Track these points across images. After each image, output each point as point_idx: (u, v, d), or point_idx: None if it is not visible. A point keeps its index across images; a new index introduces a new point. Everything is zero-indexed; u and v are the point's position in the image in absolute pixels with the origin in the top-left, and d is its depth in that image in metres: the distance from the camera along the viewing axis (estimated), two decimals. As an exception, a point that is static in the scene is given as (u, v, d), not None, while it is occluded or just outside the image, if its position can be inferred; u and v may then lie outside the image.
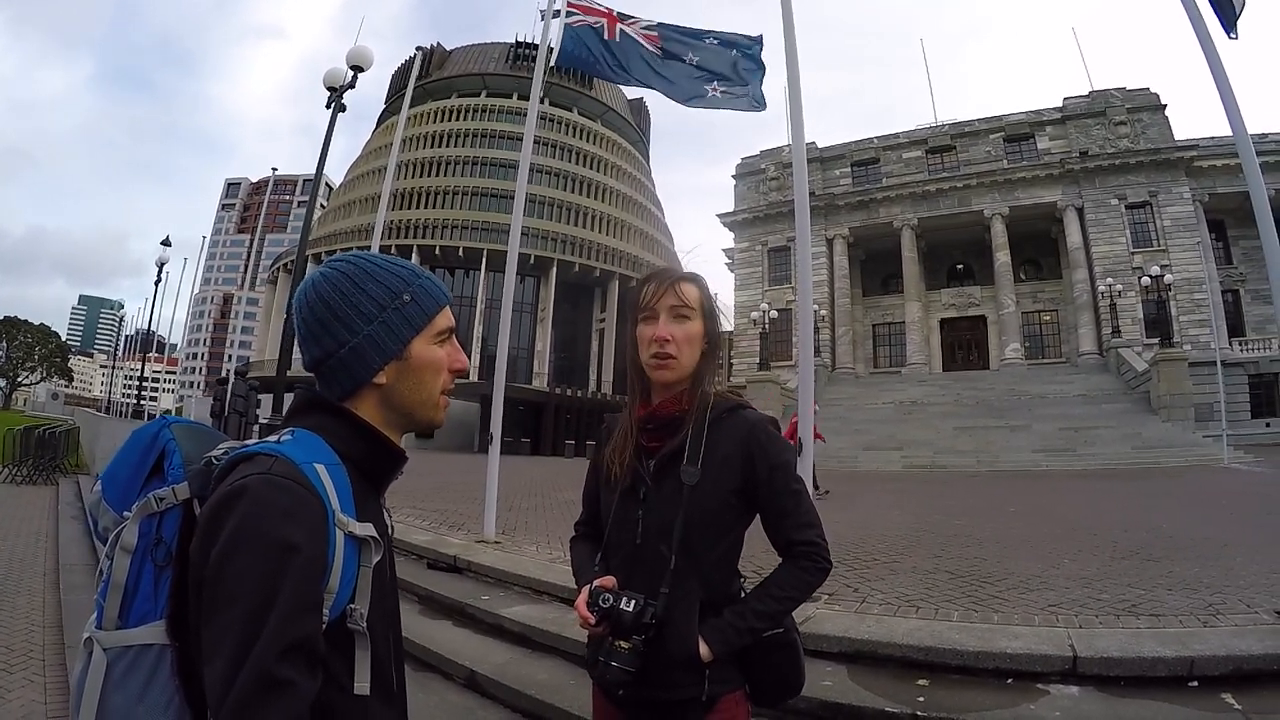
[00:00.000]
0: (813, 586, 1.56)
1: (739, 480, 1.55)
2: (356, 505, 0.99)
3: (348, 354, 1.06)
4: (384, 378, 1.08)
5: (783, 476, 1.55)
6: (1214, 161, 36.92)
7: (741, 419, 1.60)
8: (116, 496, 1.02)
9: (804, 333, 6.16)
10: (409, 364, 1.10)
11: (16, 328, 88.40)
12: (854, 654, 4.10)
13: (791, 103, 6.07)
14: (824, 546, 1.54)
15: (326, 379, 1.08)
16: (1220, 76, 5.34)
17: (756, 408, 1.68)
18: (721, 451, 1.55)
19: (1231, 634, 4.11)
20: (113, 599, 0.94)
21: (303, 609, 0.86)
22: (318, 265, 10.97)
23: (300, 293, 1.10)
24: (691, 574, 1.51)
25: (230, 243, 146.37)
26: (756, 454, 1.55)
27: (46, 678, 4.28)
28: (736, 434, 1.57)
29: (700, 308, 1.64)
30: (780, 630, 1.54)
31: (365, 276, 1.09)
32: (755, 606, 1.50)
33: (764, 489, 1.55)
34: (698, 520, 1.52)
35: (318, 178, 12.17)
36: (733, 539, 1.57)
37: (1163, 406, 27.10)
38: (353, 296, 1.07)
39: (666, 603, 1.48)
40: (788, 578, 1.53)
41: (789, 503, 1.55)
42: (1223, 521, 9.68)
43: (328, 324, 1.06)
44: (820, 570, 1.54)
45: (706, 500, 1.53)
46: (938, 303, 44.73)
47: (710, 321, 1.66)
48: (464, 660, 4.51)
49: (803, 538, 1.54)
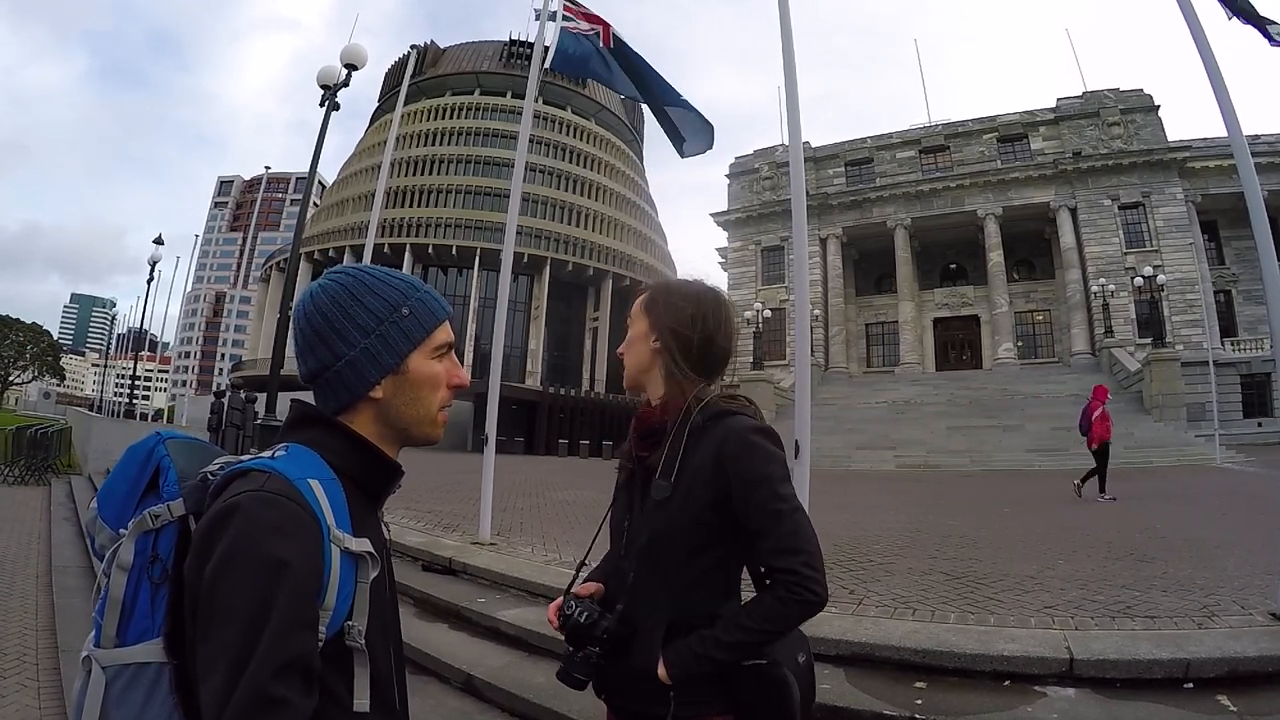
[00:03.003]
0: (790, 620, 1.37)
1: (711, 495, 1.42)
2: (353, 520, 0.97)
3: (344, 367, 1.04)
4: (380, 392, 1.06)
5: (760, 493, 1.38)
6: (1207, 162, 37.13)
7: (721, 427, 1.45)
8: (112, 513, 1.01)
9: (800, 331, 6.16)
10: (406, 378, 1.08)
11: (8, 326, 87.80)
12: (851, 656, 4.10)
13: (788, 103, 6.05)
14: (808, 576, 1.33)
15: (322, 392, 1.07)
16: (1215, 77, 5.34)
17: (753, 411, 1.54)
18: (696, 463, 1.44)
19: (1226, 636, 4.13)
20: (110, 617, 0.93)
21: (297, 627, 0.85)
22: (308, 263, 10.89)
23: (298, 305, 1.09)
24: (660, 591, 1.45)
25: (223, 241, 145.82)
26: (729, 467, 1.40)
27: (40, 682, 4.25)
28: (712, 444, 1.44)
29: (643, 308, 1.60)
30: (763, 662, 1.38)
31: (363, 289, 1.07)
32: (720, 635, 1.36)
33: (739, 507, 1.40)
34: (666, 536, 1.45)
35: (311, 176, 12.12)
36: (714, 558, 1.45)
37: (1155, 406, 27.22)
38: (350, 309, 1.05)
39: (620, 617, 1.45)
40: (761, 608, 1.37)
41: (766, 523, 1.37)
42: (1216, 522, 9.72)
43: (325, 336, 1.05)
44: (801, 603, 1.34)
45: (677, 516, 1.43)
46: (931, 302, 44.89)
47: (655, 316, 1.57)
48: (461, 664, 4.49)
49: (781, 564, 1.35)
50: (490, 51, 69.07)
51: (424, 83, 63.03)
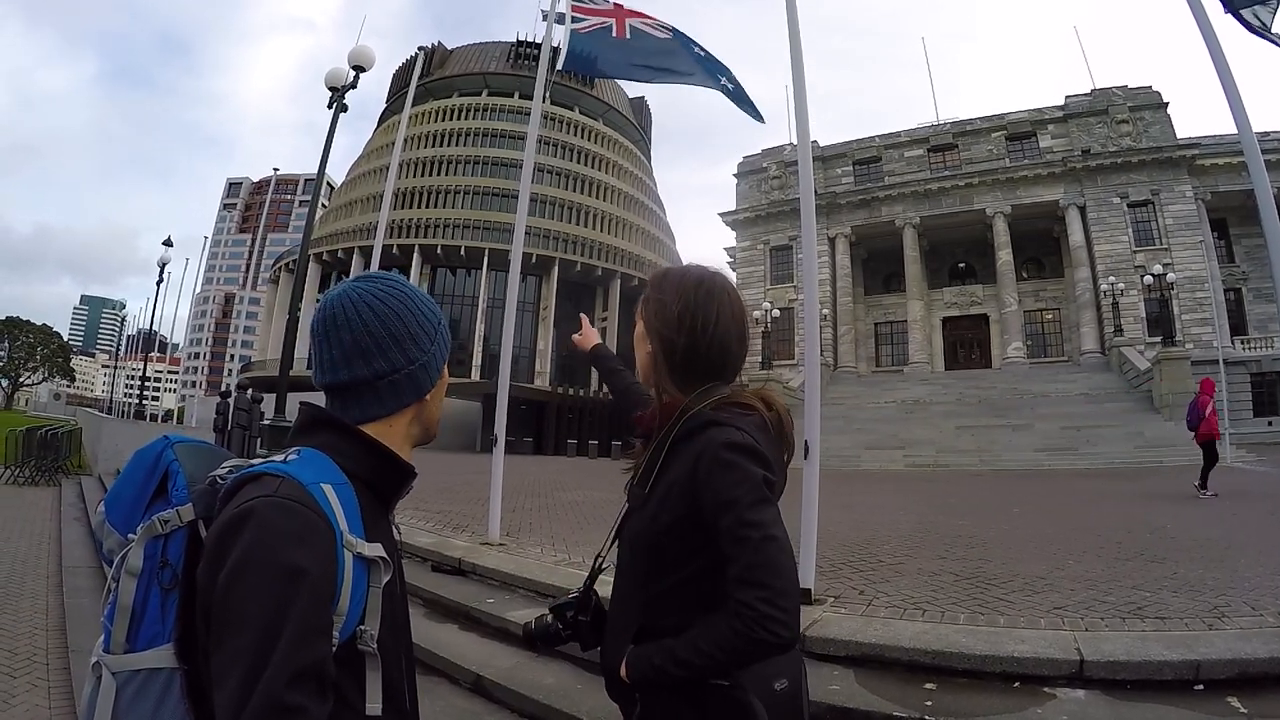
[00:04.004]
0: (739, 654, 1.24)
1: (684, 509, 1.33)
2: (365, 525, 0.98)
3: (417, 370, 1.12)
4: (429, 394, 1.16)
5: (726, 518, 1.26)
6: (1216, 160, 36.87)
7: (698, 440, 1.35)
8: (121, 518, 1.01)
9: (809, 331, 6.11)
10: (440, 383, 1.19)
11: (19, 328, 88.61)
12: (861, 658, 4.08)
13: (796, 102, 6.03)
14: (765, 614, 1.19)
15: (382, 395, 1.09)
16: (1225, 74, 5.32)
17: (750, 418, 1.40)
18: (672, 475, 1.37)
19: (1236, 637, 4.09)
20: (120, 622, 0.93)
21: (312, 633, 0.85)
22: (317, 264, 10.88)
23: (342, 308, 1.08)
24: (632, 595, 1.44)
25: (232, 242, 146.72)
26: (701, 485, 1.31)
27: (51, 682, 4.27)
28: (691, 457, 1.34)
29: (640, 307, 1.55)
30: (725, 684, 1.30)
31: (413, 302, 1.14)
32: (675, 649, 1.29)
33: (710, 528, 1.30)
34: (637, 544, 1.42)
35: (320, 177, 12.15)
36: (685, 574, 1.37)
37: (1165, 405, 27.00)
38: (417, 315, 1.13)
39: (594, 609, 1.56)
40: (715, 632, 1.25)
41: (732, 550, 1.25)
42: (1226, 522, 9.65)
43: (400, 340, 1.09)
44: (754, 641, 1.20)
45: (647, 525, 1.39)
46: (940, 301, 44.75)
47: (647, 316, 1.51)
48: (470, 664, 4.49)
49: (740, 597, 1.22)
50: (498, 52, 69.11)
51: (431, 84, 63.09)
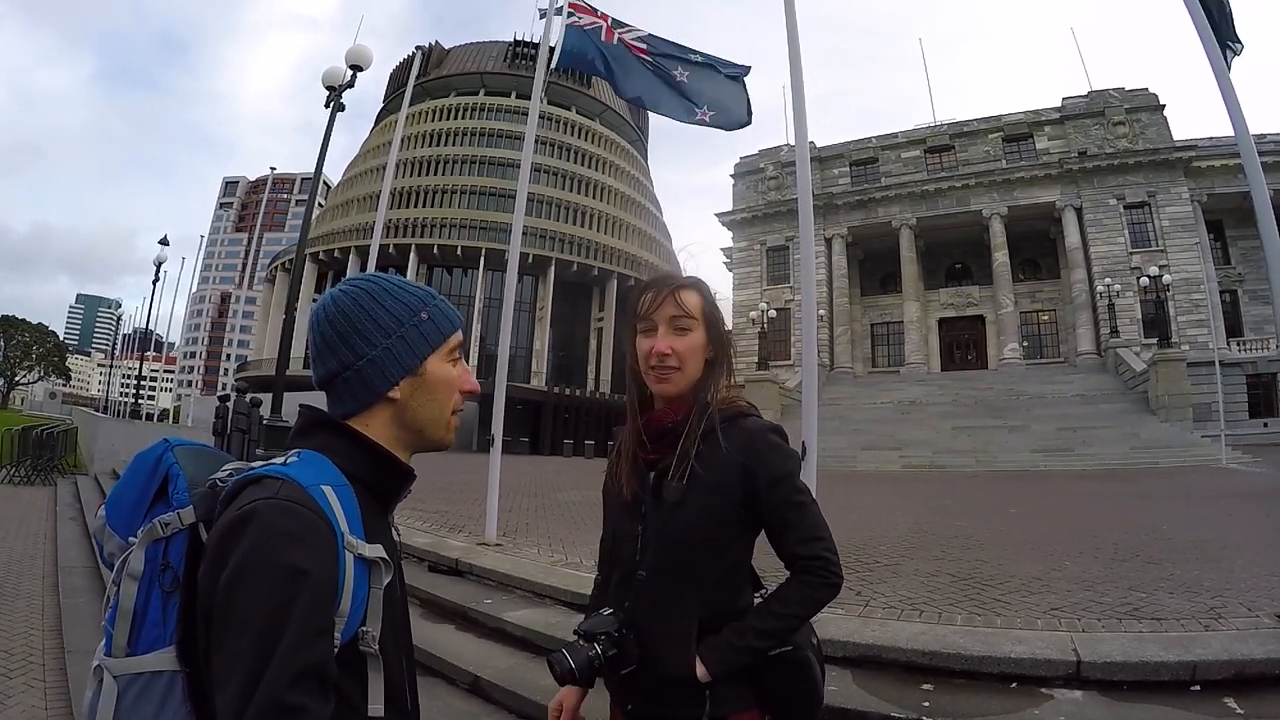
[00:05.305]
0: (819, 603, 1.48)
1: (738, 494, 1.47)
2: (365, 526, 0.98)
3: (366, 366, 1.06)
4: (399, 393, 1.08)
5: (784, 489, 1.47)
6: (1212, 162, 36.98)
7: (740, 429, 1.51)
8: (121, 521, 1.01)
9: (807, 332, 6.09)
10: (424, 380, 1.10)
11: (14, 326, 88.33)
12: (858, 658, 4.09)
13: (794, 103, 6.03)
14: (831, 560, 1.46)
15: (340, 394, 1.08)
16: (1222, 76, 5.33)
17: (759, 413, 1.60)
18: (718, 464, 1.47)
19: (1233, 638, 4.10)
20: (121, 626, 0.93)
21: (314, 635, 0.85)
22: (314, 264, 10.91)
23: (317, 309, 1.10)
24: (685, 594, 1.46)
25: (228, 241, 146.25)
26: (756, 466, 1.47)
27: (46, 682, 4.26)
28: (734, 445, 1.48)
29: (702, 316, 1.54)
30: (789, 648, 1.45)
31: (383, 293, 1.09)
32: (755, 624, 1.43)
33: (765, 502, 1.47)
34: (688, 538, 1.46)
35: (317, 177, 12.12)
36: (735, 555, 1.51)
37: (1161, 407, 27.12)
38: (372, 311, 1.07)
39: (629, 618, 1.45)
40: (791, 594, 1.46)
41: (792, 516, 1.47)
42: (1222, 523, 9.68)
43: (346, 336, 1.06)
44: (828, 585, 1.46)
45: (699, 517, 1.45)
46: (936, 302, 44.79)
47: (714, 329, 1.56)
48: (467, 665, 4.49)
49: (808, 552, 1.46)
50: (495, 52, 69.09)
51: (429, 83, 63.00)
